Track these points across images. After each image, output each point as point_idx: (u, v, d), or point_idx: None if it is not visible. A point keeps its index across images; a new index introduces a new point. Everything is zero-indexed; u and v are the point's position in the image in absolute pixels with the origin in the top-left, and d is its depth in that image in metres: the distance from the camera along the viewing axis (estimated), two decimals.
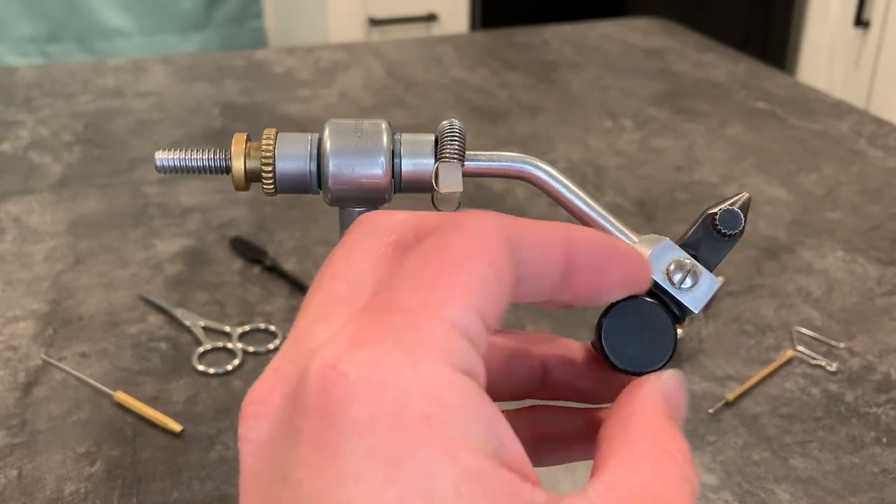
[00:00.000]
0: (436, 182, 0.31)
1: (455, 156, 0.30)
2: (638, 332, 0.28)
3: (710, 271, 0.29)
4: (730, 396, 0.60)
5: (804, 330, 0.68)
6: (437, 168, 0.31)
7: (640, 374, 0.27)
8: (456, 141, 0.30)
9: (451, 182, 0.30)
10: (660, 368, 0.28)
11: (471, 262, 0.23)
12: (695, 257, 0.29)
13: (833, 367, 0.64)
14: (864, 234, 0.81)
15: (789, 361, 0.64)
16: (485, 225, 0.23)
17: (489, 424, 0.22)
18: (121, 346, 0.65)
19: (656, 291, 0.29)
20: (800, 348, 0.66)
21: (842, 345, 0.66)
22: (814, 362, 0.64)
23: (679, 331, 0.30)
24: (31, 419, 0.58)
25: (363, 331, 0.22)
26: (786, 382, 0.62)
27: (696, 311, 0.30)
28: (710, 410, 0.59)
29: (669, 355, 0.28)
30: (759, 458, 0.56)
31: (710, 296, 0.29)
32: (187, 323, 0.67)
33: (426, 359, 0.21)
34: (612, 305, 0.27)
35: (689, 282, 0.28)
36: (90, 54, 2.03)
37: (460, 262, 0.23)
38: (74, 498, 0.52)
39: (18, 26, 1.98)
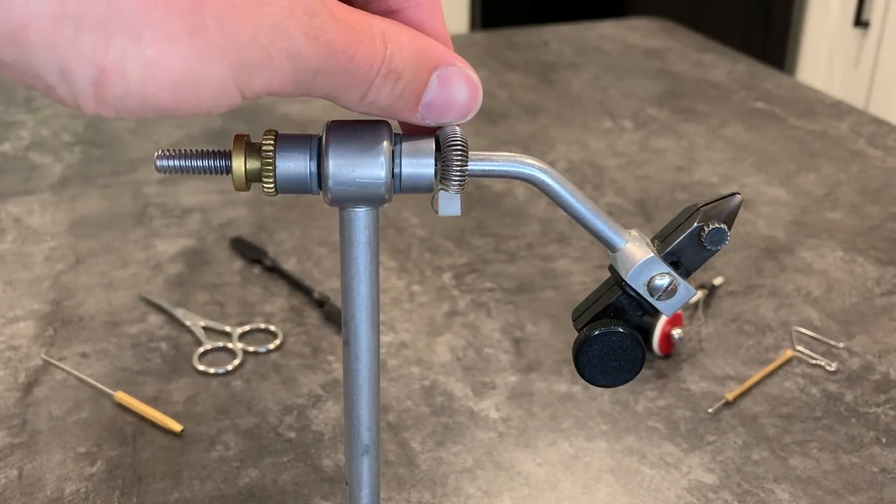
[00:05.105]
0: (434, 206, 0.31)
1: (456, 185, 0.30)
2: (610, 358, 0.33)
3: (691, 273, 0.33)
4: (729, 396, 0.60)
5: (803, 330, 0.68)
6: (437, 195, 0.31)
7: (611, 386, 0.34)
8: (457, 163, 0.30)
9: (449, 209, 0.31)
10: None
11: None
12: (677, 263, 0.33)
13: (832, 366, 0.64)
14: (863, 234, 0.81)
15: (789, 361, 0.64)
16: None
17: None
18: (121, 346, 0.65)
19: (636, 297, 0.33)
20: (799, 348, 0.66)
21: (841, 345, 0.66)
22: (813, 362, 0.64)
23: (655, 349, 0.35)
24: (32, 419, 0.58)
25: None
26: (785, 382, 0.62)
27: (669, 315, 0.34)
28: (710, 410, 0.59)
29: (636, 373, 0.33)
30: (759, 458, 0.56)
31: (683, 303, 0.33)
32: (187, 323, 0.67)
33: None
34: (588, 336, 0.33)
35: (667, 294, 0.32)
36: None
37: None
38: (75, 498, 0.52)
39: None
